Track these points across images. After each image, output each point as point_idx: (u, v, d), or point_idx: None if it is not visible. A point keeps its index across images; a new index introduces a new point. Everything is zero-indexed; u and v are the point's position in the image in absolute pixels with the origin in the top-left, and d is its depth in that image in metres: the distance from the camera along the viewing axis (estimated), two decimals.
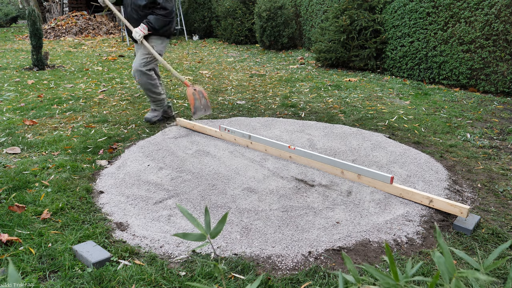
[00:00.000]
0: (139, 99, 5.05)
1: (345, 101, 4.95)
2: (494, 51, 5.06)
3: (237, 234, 2.14)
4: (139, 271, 1.85)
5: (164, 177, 2.81)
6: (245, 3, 10.42)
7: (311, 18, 8.68)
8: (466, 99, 5.03)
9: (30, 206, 2.42)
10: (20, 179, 2.75)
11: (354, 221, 2.26)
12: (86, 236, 2.12)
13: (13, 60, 8.11)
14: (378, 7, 6.45)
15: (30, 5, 14.87)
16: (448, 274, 0.65)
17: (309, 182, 2.72)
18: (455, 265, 0.68)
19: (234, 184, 2.70)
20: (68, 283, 1.78)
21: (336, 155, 3.17)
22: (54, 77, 6.37)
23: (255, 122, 4.01)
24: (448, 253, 0.67)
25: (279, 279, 1.82)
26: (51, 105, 4.71)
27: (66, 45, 10.86)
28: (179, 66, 7.49)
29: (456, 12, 5.38)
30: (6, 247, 2.02)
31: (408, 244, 2.10)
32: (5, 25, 17.54)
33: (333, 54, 6.85)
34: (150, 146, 3.37)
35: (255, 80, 6.26)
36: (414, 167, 2.96)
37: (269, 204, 2.44)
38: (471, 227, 2.17)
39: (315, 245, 2.05)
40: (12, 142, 3.47)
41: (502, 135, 3.75)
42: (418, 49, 5.95)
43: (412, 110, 4.55)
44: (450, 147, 3.43)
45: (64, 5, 15.90)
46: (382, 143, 3.40)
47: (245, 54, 9.09)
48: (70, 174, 2.88)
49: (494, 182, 2.81)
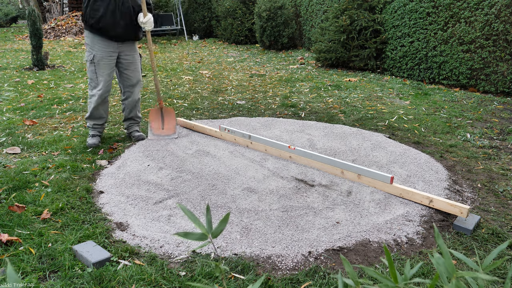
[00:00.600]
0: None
1: (345, 101, 4.95)
2: (494, 51, 5.06)
3: (237, 234, 2.14)
4: (139, 271, 1.85)
5: (164, 177, 2.81)
6: (245, 3, 10.43)
7: (311, 18, 8.68)
8: (466, 99, 5.03)
9: (30, 206, 2.42)
10: (20, 179, 2.75)
11: (354, 221, 2.26)
12: (86, 236, 2.12)
13: (13, 60, 8.11)
14: (378, 7, 6.45)
15: (30, 5, 14.87)
16: (448, 275, 0.65)
17: (309, 182, 2.72)
18: (454, 266, 0.68)
19: (234, 184, 2.70)
20: (68, 283, 1.78)
21: (336, 155, 3.17)
22: (54, 77, 6.37)
23: (255, 122, 4.01)
24: (447, 254, 0.67)
25: (279, 279, 1.82)
26: (51, 105, 4.71)
27: (66, 45, 10.86)
28: (179, 66, 7.49)
29: (456, 12, 5.38)
30: (6, 247, 2.02)
31: (408, 244, 2.10)
32: (5, 25, 17.54)
33: (333, 54, 6.85)
34: (150, 146, 3.37)
35: (255, 80, 6.26)
36: (414, 167, 2.96)
37: (269, 204, 2.44)
38: (471, 227, 2.17)
39: (315, 245, 2.05)
40: (12, 142, 3.47)
41: (502, 135, 3.75)
42: (418, 49, 5.95)
43: (412, 110, 4.55)
44: (450, 147, 3.43)
45: (64, 5, 15.91)
46: (382, 143, 3.40)
47: (245, 54, 9.08)
48: (70, 174, 2.88)
49: (494, 182, 2.80)
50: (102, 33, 3.14)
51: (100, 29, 3.11)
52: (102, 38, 3.16)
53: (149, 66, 7.55)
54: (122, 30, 3.17)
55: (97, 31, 3.13)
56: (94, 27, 3.11)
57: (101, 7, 3.06)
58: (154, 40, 11.84)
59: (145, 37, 3.26)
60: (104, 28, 3.11)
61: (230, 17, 10.49)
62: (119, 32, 3.16)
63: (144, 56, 8.84)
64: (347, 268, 0.72)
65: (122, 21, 3.15)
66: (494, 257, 0.72)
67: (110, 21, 3.11)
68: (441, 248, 0.68)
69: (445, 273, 0.65)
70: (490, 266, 0.68)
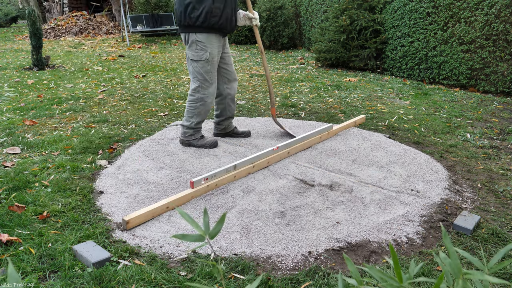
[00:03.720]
0: (139, 99, 5.05)
1: (345, 101, 4.95)
2: (494, 51, 5.06)
3: (237, 234, 2.14)
4: (139, 271, 1.85)
5: (164, 177, 2.81)
6: (245, 3, 10.42)
7: (311, 18, 8.68)
8: (466, 99, 5.03)
9: (30, 206, 2.42)
10: (20, 179, 2.75)
11: (354, 221, 2.27)
12: (86, 236, 2.12)
13: (13, 60, 8.11)
14: (378, 7, 6.45)
15: (30, 5, 14.86)
16: (455, 275, 0.65)
17: (309, 182, 2.72)
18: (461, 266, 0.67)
19: (234, 184, 2.70)
20: (68, 283, 1.78)
21: (336, 155, 3.17)
22: (54, 77, 6.38)
23: (255, 122, 4.01)
24: (454, 254, 0.67)
25: (279, 279, 1.82)
26: (51, 105, 4.71)
27: (66, 45, 10.86)
28: (179, 66, 7.49)
29: (456, 12, 5.38)
30: (6, 247, 2.02)
31: (408, 244, 2.10)
32: (5, 25, 17.54)
33: (333, 54, 6.85)
34: (150, 146, 3.37)
35: (255, 80, 6.26)
36: (414, 167, 2.96)
37: (269, 204, 2.44)
38: (471, 227, 2.17)
39: (315, 245, 2.05)
40: (12, 142, 3.47)
41: (502, 135, 3.75)
42: (418, 49, 5.95)
43: (412, 110, 4.55)
44: (450, 147, 3.43)
45: (64, 5, 15.91)
46: (382, 143, 3.40)
47: (245, 54, 9.09)
48: (70, 174, 2.88)
49: (494, 182, 2.81)
50: (220, 30, 3.09)
51: (220, 26, 3.04)
52: (217, 35, 3.11)
53: (149, 66, 7.55)
54: (235, 24, 3.19)
55: (216, 30, 3.06)
56: (215, 27, 3.03)
57: (221, 3, 3.00)
58: (154, 40, 11.84)
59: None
60: (224, 25, 3.06)
61: None
62: (233, 26, 3.17)
63: (144, 57, 8.83)
64: (350, 268, 0.72)
65: (234, 16, 3.16)
66: (499, 258, 0.72)
67: (229, 17, 3.08)
68: (448, 248, 0.68)
69: (452, 273, 0.65)
70: (496, 267, 0.68)
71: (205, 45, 3.05)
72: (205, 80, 3.14)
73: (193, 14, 2.98)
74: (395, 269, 0.68)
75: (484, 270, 0.70)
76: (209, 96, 3.19)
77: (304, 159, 3.10)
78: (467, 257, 0.73)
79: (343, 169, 2.92)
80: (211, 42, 3.07)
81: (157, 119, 4.25)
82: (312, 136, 3.36)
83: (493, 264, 0.71)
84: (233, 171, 2.74)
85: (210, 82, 3.16)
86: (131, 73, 6.77)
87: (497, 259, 0.71)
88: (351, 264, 0.71)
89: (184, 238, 0.78)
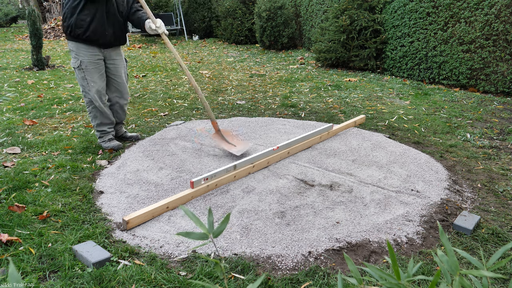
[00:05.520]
0: (139, 99, 5.05)
1: (345, 101, 4.95)
2: (494, 51, 5.06)
3: (237, 234, 2.14)
4: (139, 271, 1.85)
5: (164, 177, 2.81)
6: (245, 3, 10.43)
7: (311, 18, 8.68)
8: (466, 99, 5.03)
9: (30, 206, 2.42)
10: (20, 179, 2.75)
11: (354, 221, 2.27)
12: (86, 236, 2.12)
13: (13, 60, 8.11)
14: (378, 7, 6.45)
15: (30, 5, 14.86)
16: (452, 273, 0.65)
17: (309, 182, 2.72)
18: (458, 264, 0.67)
19: (234, 184, 2.70)
20: (68, 283, 1.78)
21: (336, 155, 3.17)
22: (54, 77, 6.37)
23: (255, 122, 4.01)
24: (451, 251, 0.67)
25: (279, 279, 1.82)
26: (51, 105, 4.71)
27: (66, 45, 10.86)
28: (179, 66, 7.49)
29: (456, 12, 5.38)
30: (6, 247, 2.02)
31: (408, 244, 2.10)
32: (5, 25, 17.53)
33: (333, 54, 6.85)
34: (150, 146, 3.37)
35: (255, 80, 6.26)
36: (414, 167, 2.96)
37: (269, 204, 2.44)
38: (471, 227, 2.17)
39: (315, 245, 2.05)
40: (12, 142, 3.47)
41: (502, 135, 3.75)
42: (418, 49, 5.95)
43: (412, 110, 4.55)
44: (450, 147, 3.43)
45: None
46: (382, 143, 3.40)
47: (245, 54, 9.09)
48: (70, 174, 2.88)
49: (494, 182, 2.81)
50: (89, 42, 3.12)
51: (87, 38, 3.09)
52: (87, 45, 3.14)
53: (149, 66, 7.55)
54: (111, 37, 3.17)
55: (83, 41, 3.11)
56: (81, 38, 3.09)
57: (88, 17, 3.03)
58: (154, 40, 11.84)
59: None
60: (91, 37, 3.09)
61: (230, 17, 10.49)
62: (108, 40, 3.16)
63: (144, 57, 8.84)
64: (350, 267, 0.72)
65: (110, 29, 3.14)
66: (498, 256, 0.72)
67: (99, 31, 3.08)
68: (445, 246, 0.68)
69: (449, 270, 0.65)
70: (495, 265, 0.68)
71: (76, 54, 3.16)
72: (84, 85, 3.23)
73: (65, 23, 3.11)
74: (392, 267, 0.68)
75: (483, 268, 0.70)
76: (96, 99, 3.25)
77: (304, 159, 3.10)
78: (466, 256, 0.74)
79: (343, 169, 2.93)
80: (81, 51, 3.15)
81: (157, 119, 4.25)
82: (312, 136, 3.35)
83: (491, 264, 0.71)
84: (233, 171, 2.74)
85: (90, 87, 3.22)
86: (131, 73, 6.77)
87: (496, 259, 0.72)
88: (351, 263, 0.71)
89: (188, 236, 0.79)
